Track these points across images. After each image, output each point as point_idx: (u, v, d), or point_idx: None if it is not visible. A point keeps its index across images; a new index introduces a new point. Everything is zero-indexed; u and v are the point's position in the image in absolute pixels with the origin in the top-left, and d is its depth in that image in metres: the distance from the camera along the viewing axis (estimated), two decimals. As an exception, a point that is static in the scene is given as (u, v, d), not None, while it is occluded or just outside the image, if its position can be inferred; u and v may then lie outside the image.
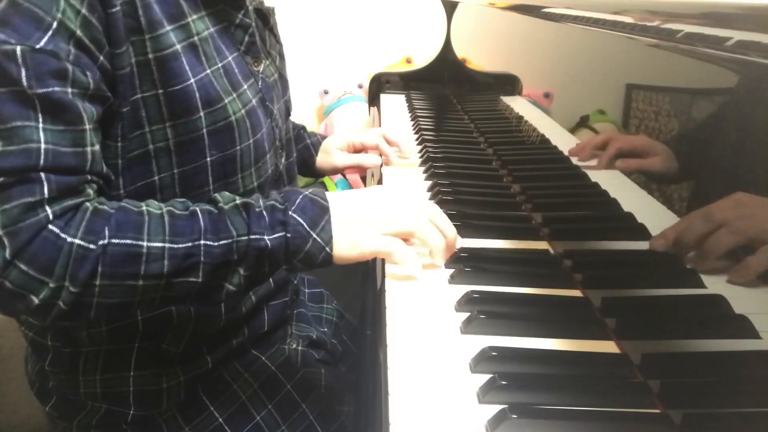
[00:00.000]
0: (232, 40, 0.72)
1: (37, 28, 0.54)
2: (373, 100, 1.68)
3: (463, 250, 0.71)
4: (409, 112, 1.44)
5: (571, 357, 0.55)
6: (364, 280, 0.85)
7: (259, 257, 0.59)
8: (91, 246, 0.54)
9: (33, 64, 0.53)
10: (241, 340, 0.78)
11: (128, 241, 0.55)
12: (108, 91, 0.60)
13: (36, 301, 0.53)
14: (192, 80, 0.64)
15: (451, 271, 0.68)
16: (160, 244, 0.56)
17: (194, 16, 0.66)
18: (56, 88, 0.54)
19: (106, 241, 0.55)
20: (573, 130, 0.91)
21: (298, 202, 0.61)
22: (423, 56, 1.86)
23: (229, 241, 0.58)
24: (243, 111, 0.69)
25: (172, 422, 0.74)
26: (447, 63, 1.64)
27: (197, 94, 0.64)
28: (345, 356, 0.95)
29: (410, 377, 0.51)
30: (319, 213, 0.61)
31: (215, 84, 0.66)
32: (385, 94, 1.65)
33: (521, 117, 1.14)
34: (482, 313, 0.58)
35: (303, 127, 1.09)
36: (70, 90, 0.55)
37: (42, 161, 0.53)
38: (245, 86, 0.71)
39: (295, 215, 0.60)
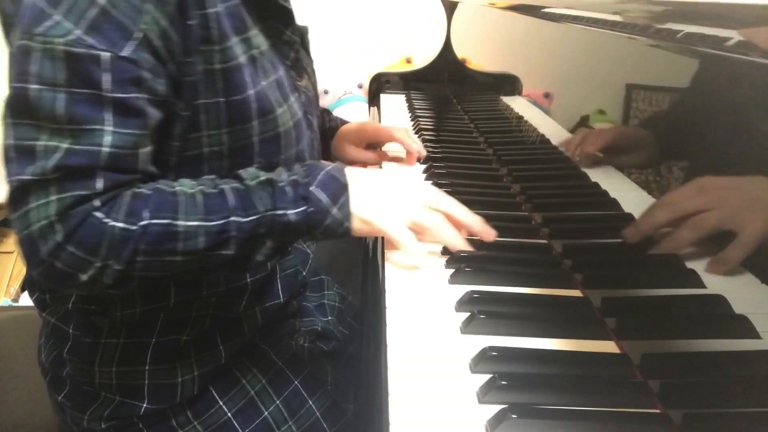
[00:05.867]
0: (280, 55, 0.75)
1: (123, 37, 0.57)
2: (373, 100, 1.68)
3: (462, 250, 0.71)
4: (409, 112, 1.44)
5: (571, 357, 0.55)
6: (365, 274, 0.85)
7: (283, 230, 0.64)
8: (132, 227, 0.58)
9: (116, 70, 0.57)
10: (254, 326, 0.79)
11: (166, 221, 0.59)
12: (173, 97, 0.63)
13: (84, 278, 0.59)
14: (252, 91, 0.67)
15: (451, 271, 0.68)
16: (195, 223, 0.60)
17: (254, 31, 0.70)
18: (133, 94, 0.58)
19: (145, 222, 0.59)
20: (573, 130, 0.91)
21: (319, 178, 0.65)
22: (423, 56, 1.86)
23: (257, 216, 0.62)
24: (291, 122, 0.73)
25: (182, 416, 0.75)
26: (447, 63, 1.64)
27: (254, 105, 0.68)
28: (352, 338, 0.96)
29: (410, 377, 0.51)
30: (340, 190, 0.65)
31: (269, 96, 0.70)
32: (385, 94, 1.65)
33: (521, 117, 1.14)
34: (482, 313, 0.58)
35: (325, 110, 1.07)
36: (144, 96, 0.59)
37: (104, 163, 0.58)
38: (292, 99, 0.74)
39: (316, 191, 0.64)
